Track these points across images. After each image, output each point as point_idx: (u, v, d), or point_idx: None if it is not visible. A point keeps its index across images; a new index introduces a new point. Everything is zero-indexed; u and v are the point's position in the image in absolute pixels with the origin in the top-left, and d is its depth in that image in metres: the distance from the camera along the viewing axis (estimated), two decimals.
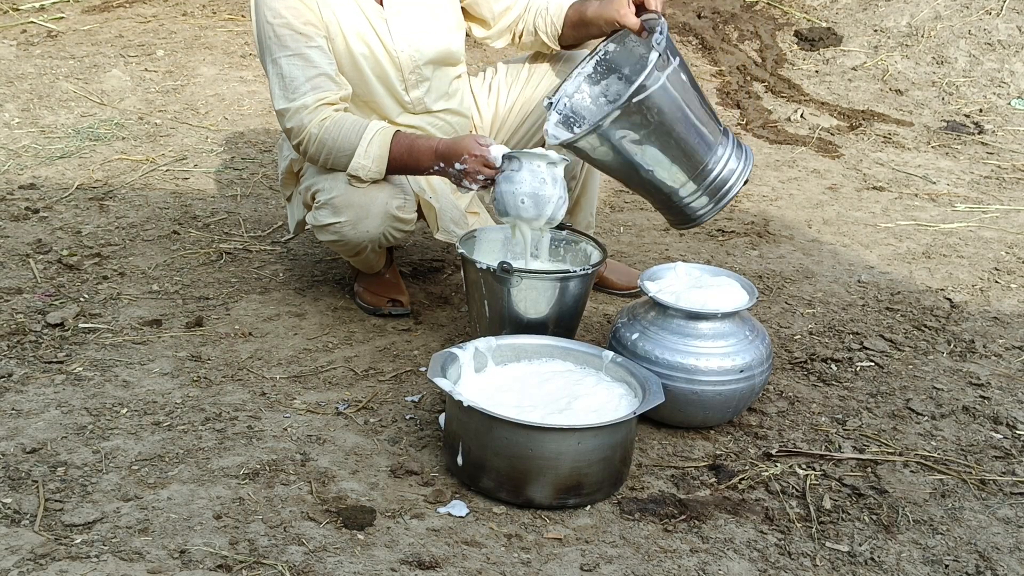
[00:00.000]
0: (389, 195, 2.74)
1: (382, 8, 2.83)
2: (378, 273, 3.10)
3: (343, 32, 2.78)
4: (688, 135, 2.64)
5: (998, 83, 5.34)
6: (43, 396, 2.54)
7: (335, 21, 2.77)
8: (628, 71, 2.86)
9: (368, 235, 2.76)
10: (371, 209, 2.72)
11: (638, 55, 2.82)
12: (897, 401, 2.78)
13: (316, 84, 2.70)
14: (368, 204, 2.72)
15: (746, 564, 2.12)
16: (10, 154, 4.11)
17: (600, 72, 2.89)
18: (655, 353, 2.52)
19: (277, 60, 2.71)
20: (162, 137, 4.38)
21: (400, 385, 2.72)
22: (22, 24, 5.64)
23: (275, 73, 2.72)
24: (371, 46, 2.81)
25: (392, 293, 3.08)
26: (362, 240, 2.78)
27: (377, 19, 2.82)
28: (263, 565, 1.99)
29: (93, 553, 1.99)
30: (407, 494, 2.26)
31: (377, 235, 2.77)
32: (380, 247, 2.87)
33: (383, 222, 2.75)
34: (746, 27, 6.08)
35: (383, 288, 3.09)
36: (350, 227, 2.75)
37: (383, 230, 2.77)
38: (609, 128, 2.55)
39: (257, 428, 2.47)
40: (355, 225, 2.74)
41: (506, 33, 3.03)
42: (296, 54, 2.69)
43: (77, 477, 2.23)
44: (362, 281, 3.12)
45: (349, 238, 2.77)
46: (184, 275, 3.24)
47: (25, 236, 3.42)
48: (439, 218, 2.86)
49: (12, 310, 2.95)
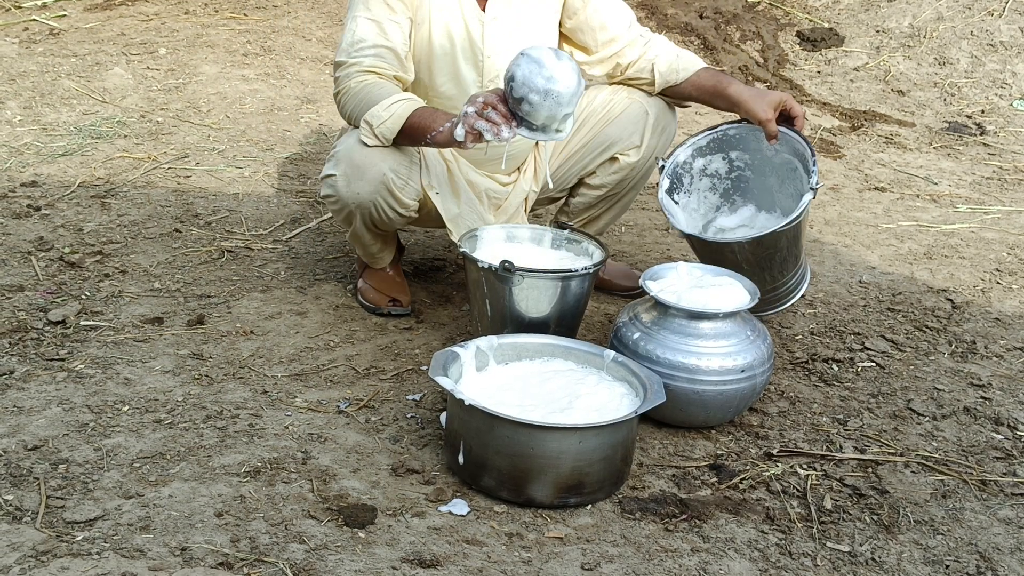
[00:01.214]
0: (390, 167, 2.73)
1: (483, 12, 2.84)
2: (382, 270, 3.10)
3: (431, 22, 2.79)
4: (790, 255, 2.87)
5: (1000, 84, 5.34)
6: (45, 393, 2.54)
7: (427, 8, 2.78)
8: (735, 157, 3.02)
9: (358, 197, 2.76)
10: (367, 171, 2.72)
11: (754, 148, 2.98)
12: (898, 401, 2.78)
13: (379, 54, 2.74)
14: (366, 165, 2.72)
15: (747, 564, 2.12)
16: (12, 152, 4.11)
17: (710, 147, 3.02)
18: (656, 353, 2.52)
19: (356, 18, 2.76)
20: (164, 135, 4.38)
21: (401, 384, 2.72)
22: (24, 22, 5.64)
23: (350, 28, 2.77)
24: (456, 43, 2.82)
25: (394, 292, 3.08)
26: (351, 201, 2.77)
27: (475, 20, 2.83)
28: (264, 563, 1.99)
29: (94, 550, 1.99)
30: (408, 492, 2.26)
31: (367, 200, 2.76)
32: (373, 223, 2.84)
33: (375, 189, 2.74)
34: (748, 27, 6.08)
35: (385, 286, 3.09)
36: (344, 183, 2.75)
37: (374, 198, 2.75)
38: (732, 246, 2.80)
39: (258, 426, 2.47)
40: (348, 182, 2.74)
41: (607, 63, 3.01)
42: (375, 20, 2.74)
43: (78, 474, 2.23)
44: (366, 278, 3.12)
45: (341, 195, 2.78)
46: (186, 273, 3.24)
47: (27, 234, 3.42)
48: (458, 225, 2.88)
49: (14, 307, 2.95)
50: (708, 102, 3.00)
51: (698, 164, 3.01)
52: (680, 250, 3.65)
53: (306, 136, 4.51)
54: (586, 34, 2.98)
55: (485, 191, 3.00)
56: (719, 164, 3.03)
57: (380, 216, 2.82)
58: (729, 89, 2.92)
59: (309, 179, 4.06)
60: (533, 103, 2.43)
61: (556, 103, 2.43)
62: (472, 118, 2.49)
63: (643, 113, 2.99)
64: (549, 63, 2.42)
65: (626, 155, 3.01)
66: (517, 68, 2.44)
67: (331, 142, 4.46)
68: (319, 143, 4.44)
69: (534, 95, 2.42)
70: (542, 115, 2.45)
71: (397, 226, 2.95)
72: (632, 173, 3.06)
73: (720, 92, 2.93)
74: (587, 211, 3.14)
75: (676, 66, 2.97)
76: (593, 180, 3.07)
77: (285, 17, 5.96)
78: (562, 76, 2.42)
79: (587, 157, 3.04)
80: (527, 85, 2.42)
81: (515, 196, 3.06)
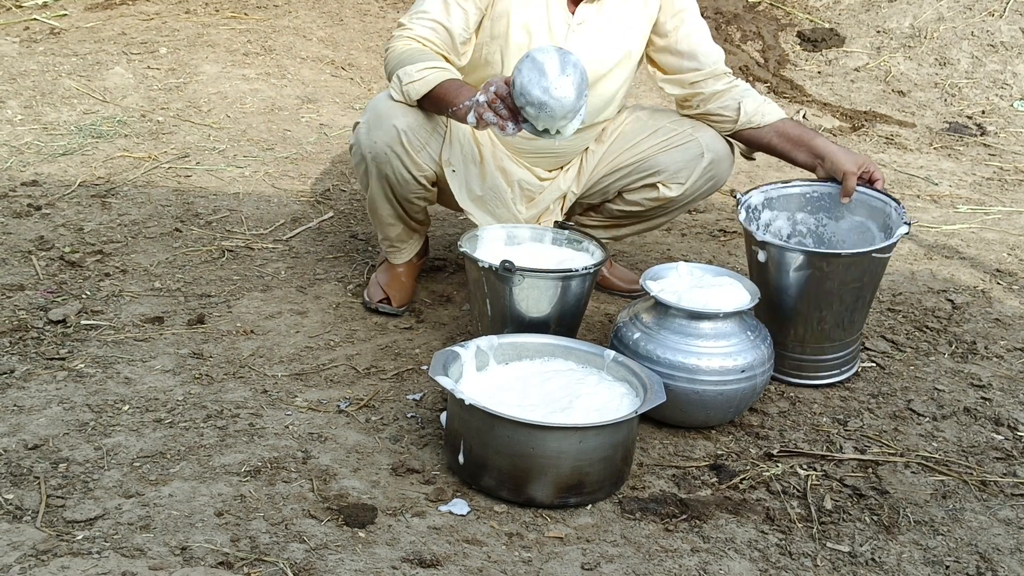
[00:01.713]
0: (407, 124, 2.75)
1: (571, 15, 2.83)
2: (395, 267, 3.09)
3: (510, 16, 2.79)
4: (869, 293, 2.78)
5: (1000, 85, 5.34)
6: (45, 392, 2.54)
7: (508, 3, 2.78)
8: (799, 219, 2.94)
9: (374, 147, 2.78)
10: (385, 121, 2.76)
11: (821, 212, 2.91)
12: (898, 402, 2.78)
13: (435, 28, 2.75)
14: (386, 116, 2.76)
15: (747, 564, 2.12)
16: (12, 151, 4.11)
17: (779, 203, 2.94)
18: (657, 352, 2.52)
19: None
20: (164, 135, 4.38)
21: (402, 383, 2.72)
22: (25, 21, 5.64)
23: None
24: (533, 42, 2.80)
25: (392, 290, 3.07)
26: (368, 151, 2.80)
27: (560, 22, 2.82)
28: (264, 562, 1.99)
29: (95, 549, 1.99)
30: (408, 492, 2.27)
31: (381, 151, 2.77)
32: (389, 185, 2.84)
33: (390, 140, 2.75)
34: (749, 27, 6.08)
35: (387, 282, 3.08)
36: (365, 130, 2.81)
37: (387, 150, 2.77)
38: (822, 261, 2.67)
39: (258, 426, 2.47)
40: (369, 130, 2.79)
41: (687, 88, 2.96)
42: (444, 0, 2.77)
43: (79, 473, 2.23)
44: (378, 271, 3.13)
45: (361, 143, 2.81)
46: (186, 272, 3.24)
47: (27, 233, 3.42)
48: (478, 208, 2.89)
49: (14, 307, 2.95)
50: (787, 152, 2.94)
51: (764, 216, 2.93)
52: (681, 250, 3.64)
53: (307, 136, 4.51)
54: (672, 57, 2.95)
55: (518, 181, 2.98)
56: (782, 223, 2.96)
57: (395, 176, 2.81)
58: (815, 141, 2.89)
59: (309, 179, 4.06)
60: (529, 113, 2.43)
61: (551, 117, 2.42)
62: (482, 108, 2.49)
63: (699, 154, 2.93)
64: (551, 72, 2.38)
65: (667, 187, 2.97)
66: (518, 74, 2.41)
67: (332, 142, 4.46)
68: (319, 143, 4.44)
69: (530, 107, 2.41)
70: (540, 123, 2.45)
71: (414, 196, 2.90)
72: (667, 205, 3.03)
73: (804, 142, 2.89)
74: (613, 219, 3.13)
75: (763, 109, 2.93)
76: (629, 196, 3.04)
77: (286, 17, 5.95)
78: (559, 90, 2.39)
79: (632, 176, 3.00)
80: (524, 95, 2.40)
81: (550, 192, 3.03)
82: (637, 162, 2.98)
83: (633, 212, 3.07)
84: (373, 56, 5.57)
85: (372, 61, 5.52)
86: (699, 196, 3.04)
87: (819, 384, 2.80)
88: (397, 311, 3.06)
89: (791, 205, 2.94)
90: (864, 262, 2.65)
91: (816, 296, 2.70)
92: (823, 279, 2.67)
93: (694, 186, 2.98)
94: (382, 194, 2.90)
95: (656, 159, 2.96)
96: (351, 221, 3.71)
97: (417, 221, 3.04)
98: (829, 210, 2.90)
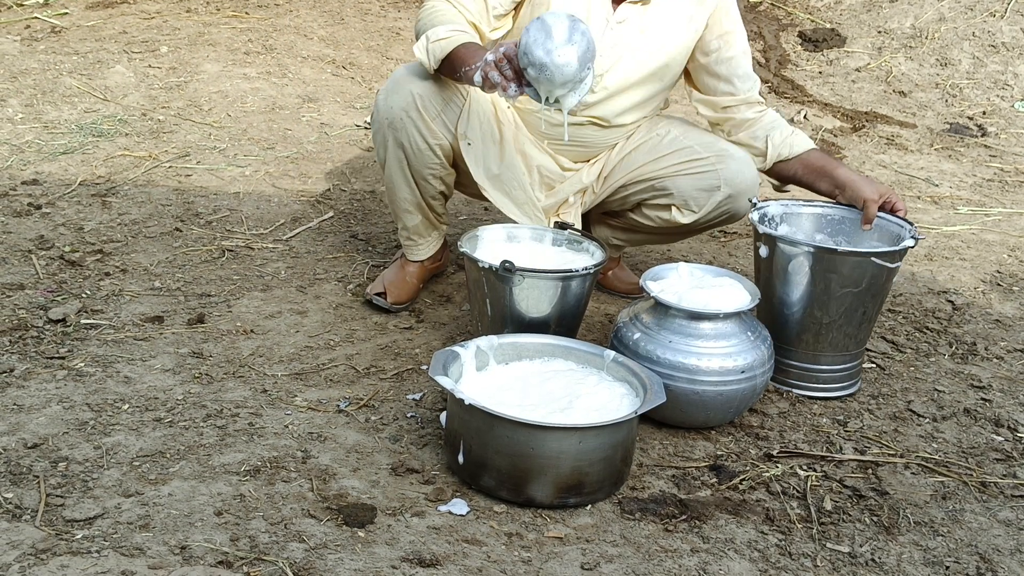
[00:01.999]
0: (422, 90, 2.78)
1: (613, 12, 2.83)
2: (409, 264, 3.08)
3: (550, 5, 2.78)
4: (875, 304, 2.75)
5: (1001, 85, 5.34)
6: (44, 391, 2.54)
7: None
8: (819, 240, 2.87)
9: (391, 112, 2.80)
10: (401, 86, 2.80)
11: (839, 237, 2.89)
12: (898, 403, 2.78)
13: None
14: (403, 82, 2.80)
15: (746, 564, 2.12)
16: (13, 149, 4.11)
17: (799, 219, 2.92)
18: (656, 353, 2.52)
19: None
20: (165, 134, 4.38)
21: (401, 383, 2.72)
22: (26, 19, 5.64)
23: None
24: None
25: (393, 286, 3.06)
26: (385, 117, 2.82)
27: (600, 18, 2.82)
28: (264, 562, 1.99)
29: (94, 548, 1.99)
30: (408, 492, 2.26)
31: (397, 116, 2.79)
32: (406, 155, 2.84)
33: (405, 104, 2.78)
34: (750, 28, 6.08)
35: (393, 278, 3.08)
36: (383, 96, 2.84)
37: (401, 114, 2.79)
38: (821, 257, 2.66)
39: (258, 425, 2.47)
40: (387, 96, 2.83)
41: (718, 112, 2.96)
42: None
43: (78, 472, 2.23)
44: (389, 267, 3.14)
45: (379, 109, 2.84)
46: (186, 272, 3.24)
47: (27, 232, 3.42)
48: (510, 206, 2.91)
49: (14, 305, 2.95)
50: (811, 183, 2.92)
51: (782, 229, 2.89)
52: (681, 251, 3.64)
53: (307, 135, 4.51)
54: (709, 78, 2.94)
55: (538, 167, 2.97)
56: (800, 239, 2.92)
57: (410, 145, 2.82)
58: (838, 170, 2.88)
59: (310, 178, 4.06)
60: (530, 75, 2.41)
61: (550, 81, 2.40)
62: (489, 66, 2.48)
63: (715, 187, 2.89)
64: (558, 36, 2.36)
65: (680, 212, 2.96)
66: (525, 33, 2.39)
67: (332, 141, 4.47)
68: (320, 142, 4.44)
69: (532, 69, 2.39)
70: (541, 88, 2.43)
71: (429, 173, 2.88)
72: (676, 228, 3.02)
73: (828, 172, 2.88)
74: (631, 227, 3.12)
75: (791, 141, 2.92)
76: (647, 211, 3.02)
77: (287, 16, 5.96)
78: (563, 56, 2.36)
79: (648, 192, 2.97)
80: (527, 55, 2.38)
81: (571, 184, 3.01)
82: (655, 179, 2.95)
83: (648, 227, 3.07)
84: (374, 55, 5.57)
85: (373, 60, 5.52)
86: (714, 225, 3.02)
87: (819, 396, 2.79)
88: (390, 307, 3.05)
89: (810, 225, 2.91)
90: (865, 266, 2.65)
91: (816, 296, 2.69)
92: (823, 278, 2.67)
93: (708, 216, 2.95)
94: (399, 169, 2.88)
95: (673, 181, 2.93)
96: (351, 221, 3.71)
97: (436, 212, 3.03)
98: (848, 234, 2.87)
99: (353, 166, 4.22)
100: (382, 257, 3.43)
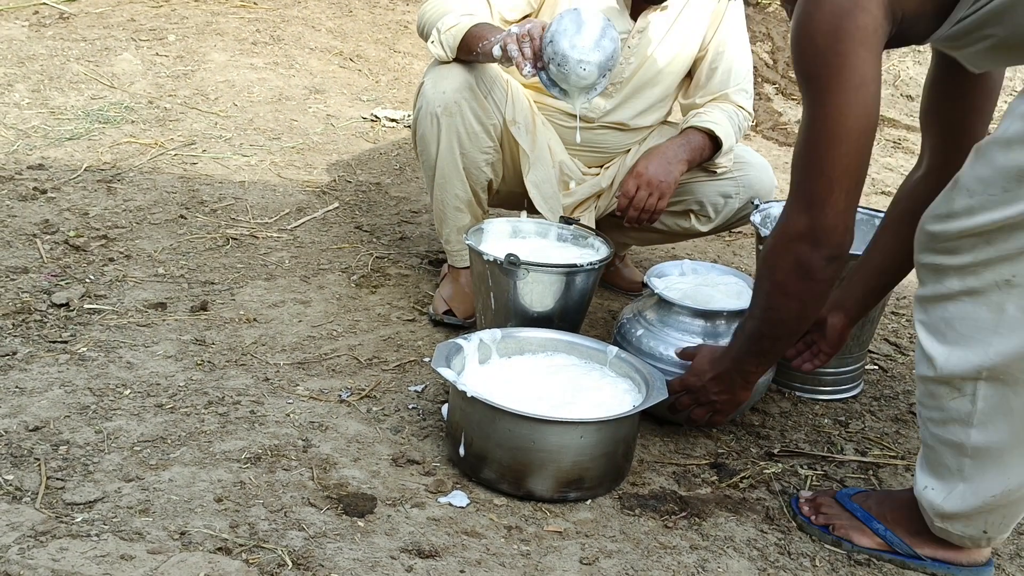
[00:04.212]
0: (470, 70, 2.72)
1: (633, 22, 2.83)
2: (459, 275, 3.01)
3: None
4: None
5: (1009, 91, 5.34)
6: (47, 375, 2.54)
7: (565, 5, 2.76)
8: None
9: (444, 96, 2.71)
10: (448, 72, 2.71)
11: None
12: (900, 405, 2.78)
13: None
14: (447, 69, 2.72)
15: (746, 563, 2.12)
16: (19, 134, 4.11)
17: None
18: (659, 350, 2.51)
19: None
20: (171, 122, 4.38)
21: (404, 375, 2.72)
22: (35, 5, 5.64)
23: None
24: None
25: (456, 301, 2.98)
26: (438, 103, 2.71)
27: (622, 29, 2.80)
28: (263, 549, 1.99)
29: (93, 532, 1.99)
30: (408, 483, 2.26)
31: (451, 99, 2.71)
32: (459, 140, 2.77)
33: (458, 84, 2.70)
34: (758, 28, 6.07)
35: (452, 295, 3.00)
36: (431, 85, 2.73)
37: (456, 96, 2.71)
38: None
39: (260, 413, 2.47)
40: (435, 83, 2.73)
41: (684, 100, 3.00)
42: None
43: (79, 456, 2.23)
44: (442, 286, 3.06)
45: (429, 99, 2.73)
46: (190, 259, 3.24)
47: (32, 216, 3.42)
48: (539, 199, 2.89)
49: (18, 289, 2.95)
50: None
51: None
52: (686, 249, 3.64)
53: (313, 126, 4.51)
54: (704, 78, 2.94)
55: (560, 163, 2.96)
56: None
57: (465, 129, 2.75)
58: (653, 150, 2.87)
59: (315, 169, 4.06)
60: (547, 53, 2.42)
61: (563, 74, 2.40)
62: (511, 39, 2.46)
63: (733, 193, 2.93)
64: (587, 35, 2.37)
65: (698, 220, 2.98)
66: (559, 20, 2.39)
67: (338, 132, 4.46)
68: (326, 133, 4.44)
69: (552, 56, 2.40)
70: (557, 77, 2.44)
71: (482, 160, 2.82)
72: (692, 234, 3.05)
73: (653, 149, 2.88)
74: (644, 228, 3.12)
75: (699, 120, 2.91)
76: (664, 217, 3.01)
77: (295, 7, 5.95)
78: (584, 57, 2.37)
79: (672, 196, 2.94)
80: (553, 44, 2.39)
81: (585, 187, 3.00)
82: (682, 185, 2.93)
83: (662, 231, 3.07)
84: (382, 48, 5.57)
85: (380, 53, 5.52)
86: (730, 227, 3.05)
87: (821, 399, 2.78)
88: (463, 322, 2.98)
89: None
90: None
91: None
92: None
93: (726, 221, 2.98)
94: (452, 160, 2.79)
95: (702, 188, 2.94)
96: (356, 212, 3.71)
97: (482, 208, 2.97)
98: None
99: (359, 158, 4.22)
100: (386, 249, 3.43)
